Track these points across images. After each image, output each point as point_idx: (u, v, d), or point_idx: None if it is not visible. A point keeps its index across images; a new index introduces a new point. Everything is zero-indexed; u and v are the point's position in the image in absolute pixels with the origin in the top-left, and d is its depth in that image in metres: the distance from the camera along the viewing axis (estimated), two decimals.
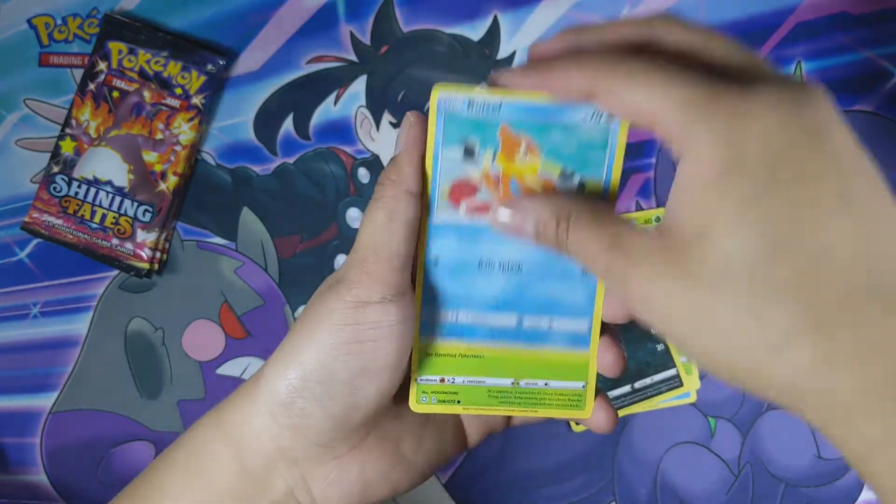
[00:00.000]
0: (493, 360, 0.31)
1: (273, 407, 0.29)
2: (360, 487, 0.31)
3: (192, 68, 0.52)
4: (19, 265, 0.54)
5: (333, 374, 0.29)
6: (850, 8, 0.52)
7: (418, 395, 0.32)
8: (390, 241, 0.29)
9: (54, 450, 0.54)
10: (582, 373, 0.32)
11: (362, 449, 0.31)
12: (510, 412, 0.32)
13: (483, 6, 0.53)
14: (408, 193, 0.29)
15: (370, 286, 0.29)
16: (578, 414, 0.32)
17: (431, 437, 0.33)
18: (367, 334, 0.29)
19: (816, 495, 0.51)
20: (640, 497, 0.51)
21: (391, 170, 0.30)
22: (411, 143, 0.30)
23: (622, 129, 0.29)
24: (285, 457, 0.30)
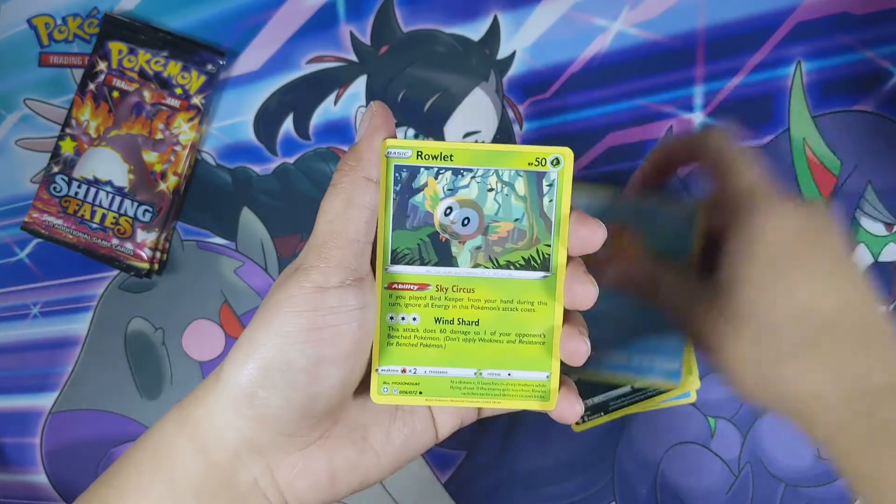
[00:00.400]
0: (455, 351, 0.31)
1: (235, 399, 0.29)
2: (327, 478, 0.31)
3: (192, 68, 0.52)
4: (19, 265, 0.54)
5: (293, 362, 0.28)
6: (851, 8, 0.52)
7: (379, 386, 0.31)
8: (348, 226, 0.29)
9: (54, 450, 0.54)
10: (545, 363, 0.31)
11: (329, 439, 0.31)
12: (473, 403, 0.32)
13: (483, 6, 0.53)
14: (366, 180, 0.29)
15: (328, 271, 0.29)
16: (543, 405, 0.32)
17: (400, 428, 0.32)
18: (326, 320, 0.28)
19: (816, 495, 0.51)
20: (640, 497, 0.51)
21: (350, 156, 0.30)
22: (372, 131, 0.30)
23: (567, 167, 0.30)
24: (250, 448, 0.30)
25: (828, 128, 0.52)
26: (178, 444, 0.30)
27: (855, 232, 0.51)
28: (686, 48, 0.52)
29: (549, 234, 0.31)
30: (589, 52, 0.53)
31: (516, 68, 0.53)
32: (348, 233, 0.29)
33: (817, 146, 0.51)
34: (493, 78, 0.53)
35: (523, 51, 0.53)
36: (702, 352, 0.37)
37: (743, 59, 0.52)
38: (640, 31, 0.52)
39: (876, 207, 0.51)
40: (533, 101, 0.53)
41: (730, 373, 0.35)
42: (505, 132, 0.53)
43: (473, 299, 0.31)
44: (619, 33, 0.52)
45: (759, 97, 0.52)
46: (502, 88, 0.53)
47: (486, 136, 0.53)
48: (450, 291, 0.31)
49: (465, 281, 0.31)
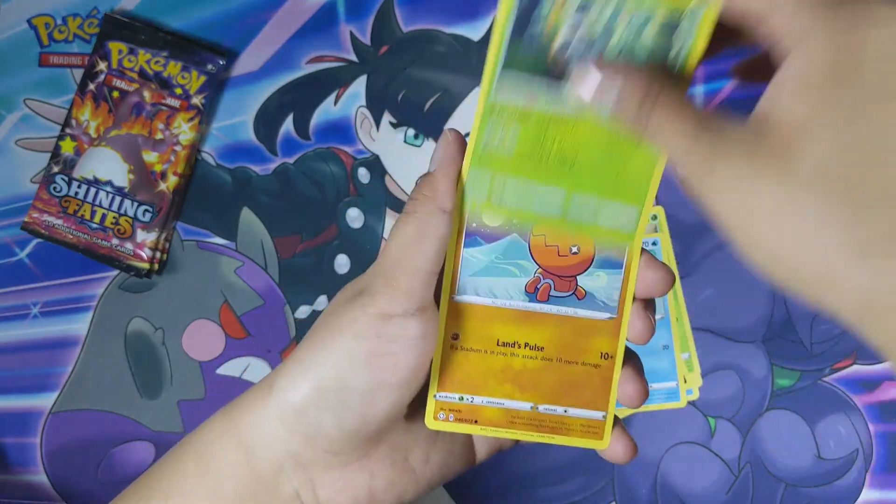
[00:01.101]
0: (513, 384, 0.31)
1: (285, 413, 0.29)
2: (366, 495, 0.31)
3: (192, 68, 0.52)
4: (19, 265, 0.54)
5: (350, 385, 0.28)
6: None
7: (436, 412, 0.31)
8: (418, 256, 0.29)
9: (54, 450, 0.54)
10: (602, 402, 0.31)
11: (371, 458, 0.31)
12: (527, 437, 0.32)
13: (483, 6, 0.53)
14: (440, 211, 0.29)
15: (394, 299, 0.28)
16: (596, 444, 0.32)
17: (440, 451, 0.32)
18: (388, 347, 0.28)
19: (816, 495, 0.51)
20: (640, 497, 0.51)
21: (425, 185, 0.29)
22: (448, 161, 0.29)
23: (661, 222, 0.29)
24: (294, 462, 0.30)
25: None
26: (225, 449, 0.30)
27: None
28: None
29: (619, 279, 0.30)
30: None
31: None
32: (417, 262, 0.29)
33: None
34: None
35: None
36: (732, 228, 0.25)
37: (743, 58, 0.52)
38: None
39: None
40: None
41: (779, 259, 0.24)
42: None
43: (538, 334, 0.31)
44: None
45: (759, 97, 0.52)
46: None
47: None
48: (512, 322, 0.31)
49: (530, 316, 0.31)
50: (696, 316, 0.51)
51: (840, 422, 0.51)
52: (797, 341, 0.51)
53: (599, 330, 0.31)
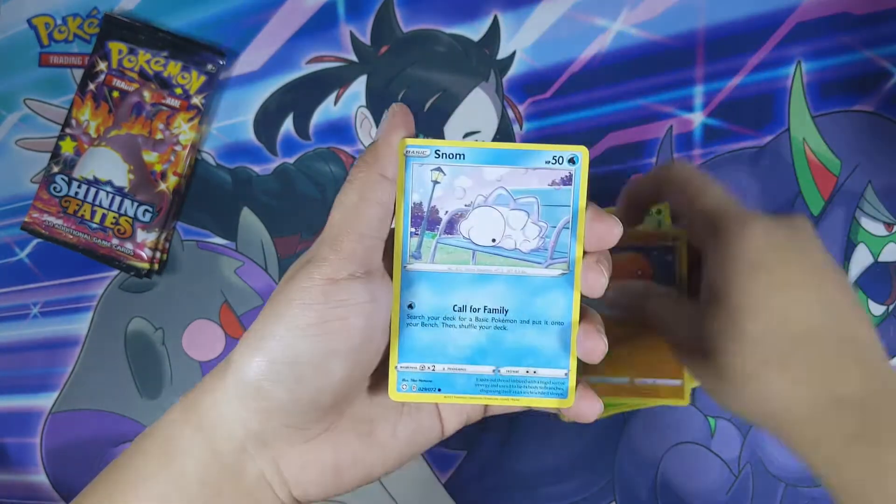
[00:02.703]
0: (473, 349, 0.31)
1: (241, 391, 0.29)
2: (332, 471, 0.31)
3: (192, 68, 0.52)
4: (19, 265, 0.54)
5: (299, 356, 0.28)
6: (851, 8, 0.52)
7: (398, 383, 0.32)
8: (361, 221, 0.29)
9: (54, 450, 0.54)
10: (562, 360, 0.31)
11: (335, 432, 0.31)
12: (492, 401, 0.32)
13: (483, 6, 0.53)
14: (381, 177, 0.30)
15: (339, 263, 0.29)
16: (561, 403, 0.32)
17: (407, 423, 0.32)
18: (334, 313, 0.28)
19: (816, 495, 0.51)
20: (640, 497, 0.51)
21: (368, 153, 0.30)
22: (390, 130, 0.30)
23: (584, 165, 0.30)
24: (256, 441, 0.30)
25: (828, 128, 0.51)
26: (185, 434, 0.30)
27: (855, 232, 0.51)
28: (686, 48, 0.52)
29: (567, 229, 0.31)
30: (589, 52, 0.53)
31: (516, 68, 0.53)
32: (360, 227, 0.29)
33: (817, 146, 0.51)
34: (493, 78, 0.53)
35: (523, 51, 0.53)
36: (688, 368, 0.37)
37: (743, 59, 0.52)
38: (640, 31, 0.52)
39: (876, 207, 0.51)
40: (533, 101, 0.53)
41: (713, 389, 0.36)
42: (505, 132, 0.53)
43: (493, 297, 0.31)
44: (619, 33, 0.52)
45: (759, 97, 0.52)
46: (502, 88, 0.53)
47: (486, 135, 0.53)
48: (469, 289, 0.31)
49: (483, 278, 0.31)
50: None
51: None
52: None
53: (554, 286, 0.31)
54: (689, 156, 0.52)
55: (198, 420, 0.30)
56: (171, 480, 0.30)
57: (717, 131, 0.52)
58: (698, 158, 0.52)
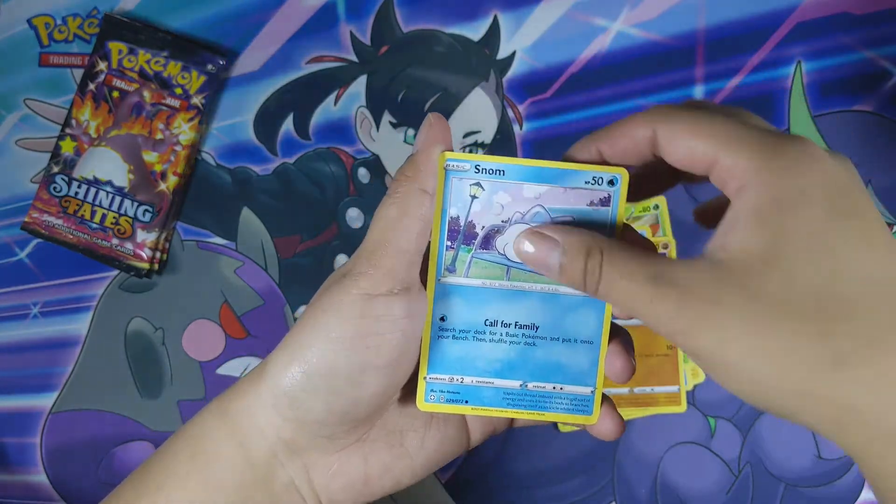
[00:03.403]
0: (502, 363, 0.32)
1: (276, 400, 0.29)
2: (361, 480, 0.31)
3: (192, 68, 0.52)
4: (19, 265, 0.54)
5: (336, 369, 0.29)
6: (851, 8, 0.52)
7: (426, 394, 0.32)
8: (400, 236, 0.29)
9: (54, 450, 0.54)
10: (590, 378, 0.32)
11: (366, 442, 0.31)
12: (518, 415, 0.32)
13: (483, 6, 0.53)
14: (421, 192, 0.29)
15: (377, 279, 0.29)
16: (585, 419, 0.32)
17: (435, 434, 0.33)
18: (373, 328, 0.29)
19: (816, 495, 0.51)
20: (640, 497, 0.51)
21: (407, 167, 0.30)
22: (429, 143, 0.30)
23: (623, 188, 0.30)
24: (287, 448, 0.30)
25: (828, 128, 0.51)
26: (218, 437, 0.30)
27: None
28: (686, 48, 0.52)
29: None
30: (589, 52, 0.53)
31: (516, 68, 0.53)
32: (400, 242, 0.29)
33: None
34: (493, 78, 0.53)
35: (523, 51, 0.53)
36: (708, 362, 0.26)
37: (743, 59, 0.52)
38: (640, 31, 0.52)
39: (876, 207, 0.51)
40: (533, 101, 0.53)
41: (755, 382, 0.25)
42: (505, 132, 0.53)
43: (524, 313, 0.31)
44: (619, 33, 0.52)
45: (759, 97, 0.52)
46: (502, 88, 0.53)
47: (486, 135, 0.53)
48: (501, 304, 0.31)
49: (516, 294, 0.31)
50: None
51: None
52: None
53: (585, 304, 0.31)
54: None
55: (231, 424, 0.30)
56: (202, 483, 0.30)
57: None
58: None
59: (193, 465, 0.30)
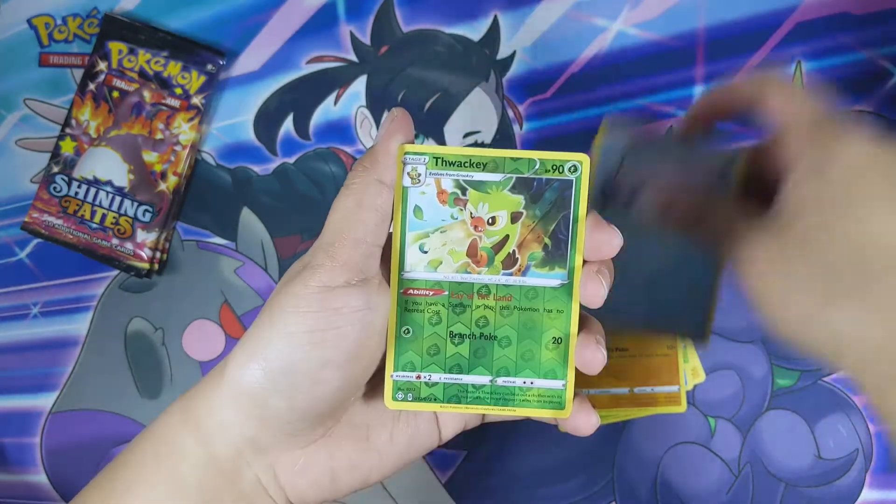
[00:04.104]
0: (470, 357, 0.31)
1: (237, 398, 0.29)
2: (328, 476, 0.31)
3: (192, 68, 0.52)
4: (19, 265, 0.54)
5: (295, 365, 0.28)
6: (851, 8, 0.52)
7: (394, 392, 0.31)
8: (357, 227, 0.29)
9: (54, 450, 0.54)
10: (560, 371, 0.31)
11: (332, 438, 0.31)
12: (488, 411, 0.32)
13: (483, 6, 0.53)
14: (378, 183, 0.29)
15: (334, 270, 0.29)
16: (558, 413, 0.32)
17: (404, 429, 0.32)
18: (331, 321, 0.28)
19: (816, 495, 0.51)
20: (640, 497, 0.51)
21: (366, 159, 0.30)
22: (389, 135, 0.30)
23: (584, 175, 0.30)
24: (252, 446, 0.30)
25: None
26: (182, 437, 0.30)
27: None
28: (686, 48, 0.52)
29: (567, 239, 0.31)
30: (589, 52, 0.53)
31: (516, 68, 0.53)
32: (356, 233, 0.29)
33: None
34: (493, 78, 0.53)
35: (523, 51, 0.53)
36: (744, 282, 0.33)
37: (743, 59, 0.52)
38: (640, 31, 0.52)
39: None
40: (533, 101, 0.53)
41: (772, 307, 0.31)
42: (505, 132, 0.53)
43: (489, 305, 0.31)
44: (619, 33, 0.52)
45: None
46: (502, 88, 0.53)
47: (486, 136, 0.53)
48: (465, 297, 0.31)
49: (480, 287, 0.31)
50: None
51: (840, 422, 0.51)
52: None
53: (552, 297, 0.31)
54: None
55: (195, 424, 0.30)
56: (168, 484, 0.30)
57: (717, 131, 0.52)
58: None
59: (159, 465, 0.30)
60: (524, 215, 0.30)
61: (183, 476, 0.30)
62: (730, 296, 0.51)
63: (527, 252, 0.31)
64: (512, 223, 0.31)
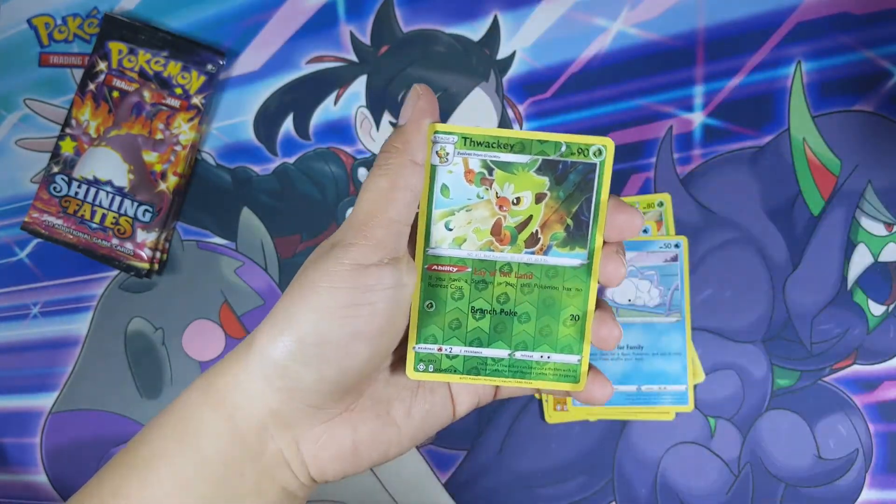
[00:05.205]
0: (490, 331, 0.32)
1: (266, 370, 0.29)
2: (350, 450, 0.31)
3: (192, 68, 0.52)
4: (19, 265, 0.54)
5: (328, 337, 0.29)
6: (851, 8, 0.52)
7: (415, 363, 0.32)
8: (391, 207, 0.29)
9: (54, 450, 0.54)
10: (577, 346, 0.32)
11: (354, 412, 0.31)
12: (505, 383, 0.33)
13: (483, 6, 0.53)
14: (412, 162, 0.30)
15: (367, 249, 0.29)
16: (573, 387, 0.32)
17: (421, 404, 0.33)
18: (363, 297, 0.29)
19: (816, 495, 0.51)
20: (640, 497, 0.51)
21: (396, 139, 0.30)
22: (418, 114, 0.30)
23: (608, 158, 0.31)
24: (276, 420, 0.30)
25: (828, 128, 0.51)
26: (204, 413, 0.30)
27: (855, 232, 0.51)
28: (686, 48, 0.52)
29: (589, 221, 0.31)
30: (589, 52, 0.53)
31: (516, 68, 0.53)
32: (389, 213, 0.29)
33: (817, 146, 0.51)
34: (493, 78, 0.53)
35: (523, 51, 0.53)
36: None
37: (743, 59, 0.52)
38: (640, 31, 0.52)
39: (876, 207, 0.51)
40: (533, 101, 0.53)
41: None
42: None
43: (510, 282, 0.32)
44: (619, 33, 0.52)
45: (759, 97, 0.52)
46: (502, 88, 0.53)
47: None
48: (488, 274, 0.32)
49: (503, 264, 0.32)
50: (697, 316, 0.51)
51: (840, 422, 0.51)
52: (797, 341, 0.51)
53: (573, 275, 0.32)
54: (689, 156, 0.52)
55: (218, 399, 0.30)
56: (191, 460, 0.30)
57: (717, 131, 0.52)
58: (698, 158, 0.52)
59: (181, 441, 0.30)
60: (548, 196, 0.31)
61: (205, 451, 0.30)
62: (731, 296, 0.51)
63: (549, 232, 0.31)
64: (536, 203, 0.31)
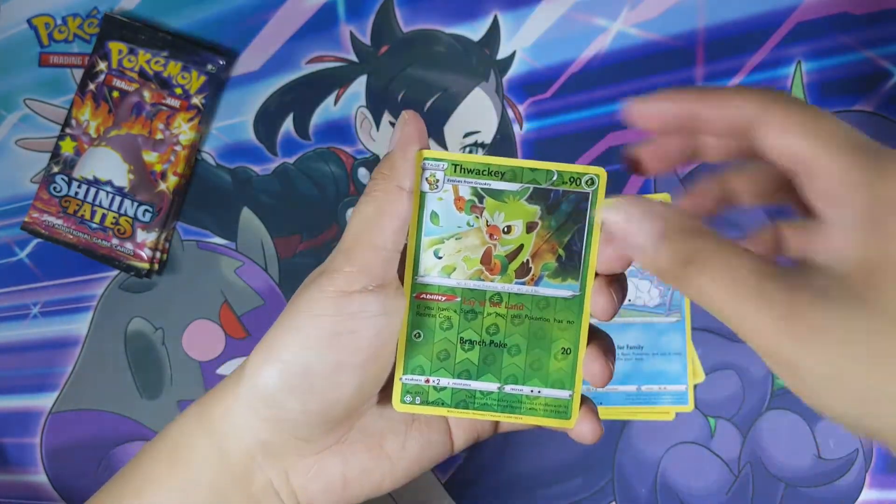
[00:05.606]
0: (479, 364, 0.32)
1: (253, 401, 0.29)
2: (340, 483, 0.31)
3: (192, 68, 0.52)
4: (19, 265, 0.54)
5: (312, 367, 0.29)
6: (851, 8, 0.52)
7: (402, 395, 0.32)
8: (377, 233, 0.29)
9: (54, 450, 0.54)
10: (568, 381, 0.31)
11: (344, 444, 0.31)
12: (494, 417, 0.32)
13: (483, 6, 0.53)
14: (399, 189, 0.29)
15: (352, 276, 0.29)
16: (563, 423, 0.32)
17: (417, 438, 0.32)
18: (347, 325, 0.28)
19: (816, 495, 0.51)
20: (640, 497, 0.51)
21: (384, 165, 0.30)
22: (406, 140, 0.30)
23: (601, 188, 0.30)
24: (265, 450, 0.30)
25: None
26: (196, 440, 0.30)
27: None
28: (686, 48, 0.52)
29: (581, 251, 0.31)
30: (589, 52, 0.53)
31: (516, 68, 0.53)
32: (375, 240, 0.29)
33: None
34: (493, 78, 0.53)
35: (523, 51, 0.53)
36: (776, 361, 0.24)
37: (743, 59, 0.52)
38: (640, 31, 0.52)
39: None
40: (533, 101, 0.53)
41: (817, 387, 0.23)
42: (505, 132, 0.53)
43: (500, 313, 0.31)
44: (619, 33, 0.52)
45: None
46: (502, 88, 0.53)
47: (486, 136, 0.53)
48: (477, 304, 0.31)
49: (493, 294, 0.31)
50: (697, 316, 0.51)
51: None
52: None
53: (564, 308, 0.31)
54: None
55: (209, 426, 0.30)
56: (180, 486, 0.30)
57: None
58: None
59: (172, 468, 0.30)
60: (539, 226, 0.31)
61: (195, 477, 0.30)
62: None
63: (540, 262, 0.31)
64: (527, 233, 0.31)
